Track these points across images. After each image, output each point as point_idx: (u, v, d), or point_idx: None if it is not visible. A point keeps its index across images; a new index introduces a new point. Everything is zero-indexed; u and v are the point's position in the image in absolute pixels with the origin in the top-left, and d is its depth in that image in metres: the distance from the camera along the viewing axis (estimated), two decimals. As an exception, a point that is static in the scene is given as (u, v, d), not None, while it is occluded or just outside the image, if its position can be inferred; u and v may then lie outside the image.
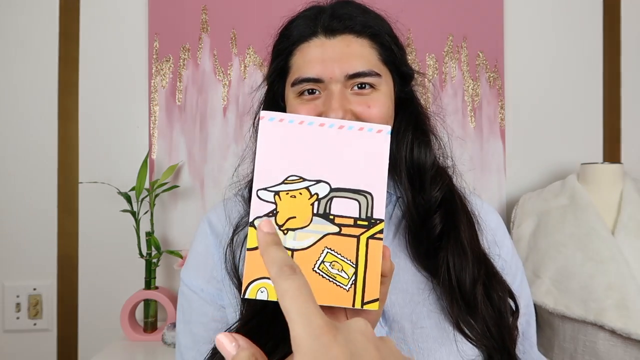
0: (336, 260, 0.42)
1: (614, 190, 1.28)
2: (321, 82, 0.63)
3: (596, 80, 1.57)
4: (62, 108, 1.41)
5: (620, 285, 1.10)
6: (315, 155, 0.44)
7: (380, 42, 0.65)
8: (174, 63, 1.42)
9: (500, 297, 0.65)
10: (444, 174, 0.70)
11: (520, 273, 0.75)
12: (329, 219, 0.43)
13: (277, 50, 0.69)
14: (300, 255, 0.42)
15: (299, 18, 0.68)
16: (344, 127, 0.44)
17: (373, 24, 0.66)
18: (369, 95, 0.64)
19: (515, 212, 1.40)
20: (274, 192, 0.43)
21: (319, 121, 0.44)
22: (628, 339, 1.08)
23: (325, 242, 0.42)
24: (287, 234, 0.42)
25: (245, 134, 0.74)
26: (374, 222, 0.43)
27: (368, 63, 0.63)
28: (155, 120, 1.42)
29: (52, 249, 1.40)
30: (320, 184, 0.43)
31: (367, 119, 0.62)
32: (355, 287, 0.42)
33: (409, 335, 0.62)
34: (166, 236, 1.41)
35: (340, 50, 0.63)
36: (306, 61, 0.64)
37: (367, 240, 0.43)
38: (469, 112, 1.50)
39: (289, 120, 0.44)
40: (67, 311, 1.39)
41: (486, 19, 1.51)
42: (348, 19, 0.64)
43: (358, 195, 0.44)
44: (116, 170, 1.41)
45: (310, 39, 0.65)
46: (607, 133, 1.57)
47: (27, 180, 1.40)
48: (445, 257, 0.64)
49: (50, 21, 1.41)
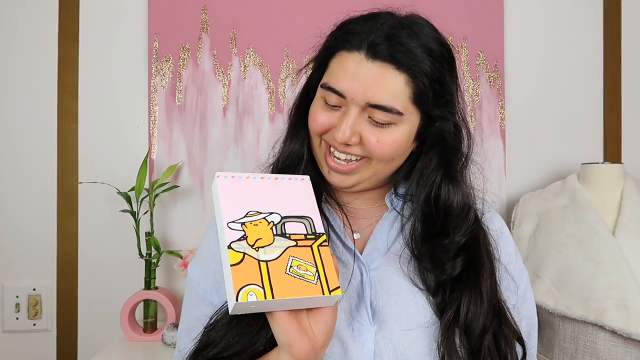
0: (301, 264, 0.54)
1: (615, 191, 1.27)
2: (344, 97, 0.63)
3: (596, 80, 1.57)
4: (62, 108, 1.41)
5: (621, 286, 1.10)
6: (264, 196, 0.59)
7: (418, 84, 0.62)
8: (173, 63, 1.42)
9: (507, 344, 0.64)
10: (471, 218, 0.68)
11: (524, 281, 0.74)
12: (286, 236, 0.56)
13: (327, 42, 0.68)
14: (273, 264, 0.53)
15: (362, 20, 0.65)
16: (278, 178, 0.61)
17: (420, 62, 0.61)
18: (383, 129, 0.63)
19: (515, 212, 1.40)
20: (240, 223, 0.55)
21: (260, 175, 0.61)
22: (628, 339, 1.08)
23: (289, 252, 0.55)
24: (259, 250, 0.54)
25: (284, 117, 0.77)
26: (319, 235, 0.57)
27: (394, 99, 0.61)
28: (155, 120, 1.42)
29: (51, 249, 1.39)
30: (273, 215, 0.57)
31: (371, 151, 0.64)
32: (320, 281, 0.54)
33: (396, 337, 0.63)
34: (166, 236, 1.41)
35: (373, 76, 0.61)
36: (339, 71, 0.63)
37: (318, 248, 0.56)
38: (469, 112, 1.50)
39: (239, 177, 0.59)
40: (66, 311, 1.39)
41: (486, 19, 1.51)
42: (396, 49, 0.61)
43: (302, 219, 0.58)
44: (116, 170, 1.41)
45: (352, 51, 0.63)
46: (607, 133, 1.57)
47: (26, 180, 1.40)
48: (459, 300, 0.63)
49: (49, 21, 1.41)
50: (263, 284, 0.51)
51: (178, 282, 1.42)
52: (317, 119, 0.66)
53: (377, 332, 0.63)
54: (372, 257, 0.68)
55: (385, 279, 0.66)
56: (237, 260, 0.52)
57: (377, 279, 0.66)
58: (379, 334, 0.63)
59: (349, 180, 0.68)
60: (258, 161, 0.89)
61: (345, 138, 0.62)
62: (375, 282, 0.66)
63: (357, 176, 0.67)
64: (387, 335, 0.63)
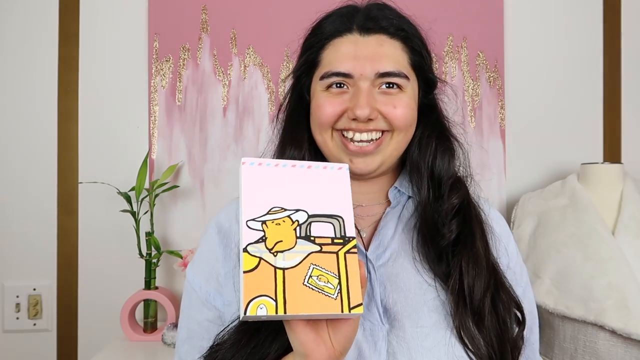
0: (322, 274, 0.49)
1: (614, 190, 1.27)
2: (350, 77, 0.65)
3: (596, 80, 1.57)
4: (62, 108, 1.41)
5: (621, 286, 1.10)
6: (291, 189, 0.52)
7: (412, 46, 0.67)
8: (173, 63, 1.42)
9: (506, 308, 0.65)
10: (462, 183, 0.71)
11: (524, 279, 0.75)
12: (311, 240, 0.50)
13: (308, 43, 0.70)
14: (290, 273, 0.48)
15: (333, 15, 0.69)
16: (311, 167, 0.54)
17: (406, 27, 0.67)
18: (395, 96, 0.65)
19: (515, 212, 1.40)
20: (261, 222, 0.50)
21: (291, 163, 0.54)
22: (628, 339, 1.08)
23: (310, 259, 0.49)
24: (277, 255, 0.49)
25: (273, 122, 0.77)
26: (348, 240, 0.51)
27: (398, 64, 0.65)
28: (155, 120, 1.42)
29: (52, 249, 1.39)
30: (299, 212, 0.51)
31: (392, 119, 0.65)
32: (341, 295, 0.48)
33: (409, 334, 0.62)
34: (166, 236, 1.41)
35: (373, 48, 0.64)
36: (338, 56, 0.65)
37: (345, 255, 0.50)
38: (469, 112, 1.50)
39: (267, 164, 0.53)
40: (66, 311, 1.39)
41: (486, 19, 1.51)
42: (383, 20, 0.66)
43: (332, 219, 0.52)
44: (116, 170, 1.41)
45: (344, 35, 0.66)
46: (607, 133, 1.57)
47: (27, 180, 1.40)
48: (459, 263, 0.64)
49: (50, 21, 1.41)
50: (276, 296, 0.47)
51: (178, 282, 1.42)
52: (326, 109, 0.66)
53: (389, 331, 0.63)
54: (378, 253, 0.68)
55: (394, 275, 0.66)
56: (251, 266, 0.47)
57: (386, 276, 0.66)
58: (391, 332, 0.63)
59: (375, 162, 0.68)
60: None
61: (367, 112, 0.63)
62: (384, 280, 0.66)
63: (380, 155, 0.68)
64: (399, 333, 0.62)
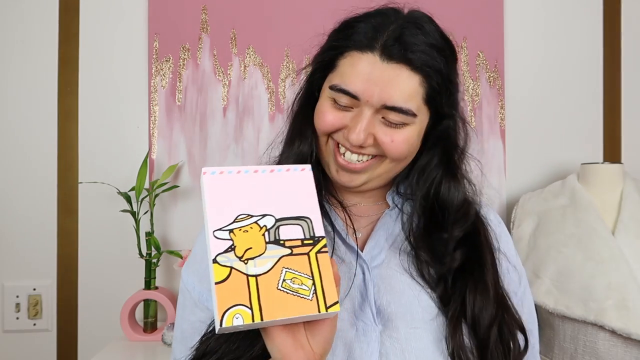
0: (295, 277, 0.49)
1: (614, 190, 1.28)
2: (357, 99, 0.62)
3: (596, 80, 1.57)
4: (62, 108, 1.41)
5: (621, 286, 1.10)
6: (256, 195, 0.52)
7: (431, 84, 0.62)
8: (173, 63, 1.42)
9: (510, 333, 0.64)
10: (470, 210, 0.69)
11: (523, 282, 0.75)
12: (280, 243, 0.50)
13: (333, 41, 0.66)
14: (263, 279, 0.48)
15: (368, 18, 0.64)
16: (274, 170, 0.54)
17: (433, 63, 0.62)
18: (397, 129, 0.63)
19: (515, 212, 1.40)
20: (228, 230, 0.49)
21: (253, 168, 0.53)
22: (628, 339, 1.08)
23: (282, 263, 0.49)
24: (248, 262, 0.48)
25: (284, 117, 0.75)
26: (318, 239, 0.51)
27: (410, 100, 0.61)
28: (155, 120, 1.42)
29: (52, 249, 1.39)
30: (266, 217, 0.51)
31: (386, 150, 0.64)
32: (316, 296, 0.48)
33: (402, 335, 0.62)
34: (166, 236, 1.41)
35: (388, 77, 0.60)
36: (352, 72, 0.62)
37: (316, 255, 0.50)
38: (469, 112, 1.50)
39: (228, 172, 0.52)
40: (66, 311, 1.39)
41: (486, 19, 1.51)
42: (411, 50, 0.60)
43: (299, 220, 0.52)
44: (116, 170, 1.41)
45: (364, 51, 0.61)
46: (607, 133, 1.57)
47: (27, 180, 1.40)
48: (463, 293, 0.63)
49: (50, 21, 1.41)
50: (251, 303, 0.46)
51: (178, 282, 1.42)
52: (326, 118, 0.65)
53: (382, 331, 0.63)
54: (374, 254, 0.68)
55: (388, 276, 0.66)
56: (222, 277, 0.47)
57: (380, 277, 0.66)
58: (384, 333, 0.62)
59: (359, 179, 0.67)
60: (258, 161, 0.85)
61: (360, 141, 0.62)
62: (378, 281, 0.66)
63: (366, 175, 0.67)
64: (392, 334, 0.62)
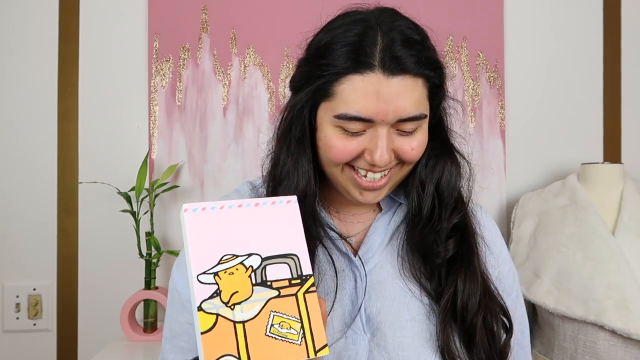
0: (283, 320, 0.47)
1: (614, 190, 1.28)
2: (371, 122, 0.59)
3: (596, 80, 1.57)
4: (62, 108, 1.41)
5: (621, 285, 1.10)
6: (241, 232, 0.49)
7: (431, 79, 0.62)
8: (173, 63, 1.42)
9: (494, 316, 0.65)
10: (463, 202, 0.70)
11: (516, 286, 0.76)
12: (267, 285, 0.48)
13: (316, 66, 0.61)
14: (251, 325, 0.46)
15: (348, 39, 0.60)
16: (259, 204, 0.51)
17: (425, 57, 0.61)
18: (413, 136, 0.62)
19: (515, 212, 1.40)
20: (213, 274, 0.47)
21: (237, 203, 0.50)
22: (628, 339, 1.08)
23: (270, 306, 0.47)
24: (235, 308, 0.46)
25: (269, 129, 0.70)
26: (305, 278, 0.50)
27: (419, 105, 0.61)
28: (155, 120, 1.42)
29: (52, 249, 1.39)
30: (252, 257, 0.49)
31: (408, 159, 0.63)
32: (305, 340, 0.47)
33: (390, 343, 0.62)
34: (166, 236, 1.41)
35: (397, 91, 0.58)
36: (358, 97, 0.58)
37: (304, 296, 0.49)
38: (469, 112, 1.50)
39: (211, 207, 0.49)
40: (67, 311, 1.39)
41: (486, 19, 1.51)
42: (407, 60, 0.59)
43: (286, 258, 0.50)
44: (116, 170, 1.41)
45: (364, 73, 0.58)
46: (607, 133, 1.56)
47: (27, 180, 1.40)
48: (455, 282, 0.64)
49: (50, 21, 1.41)
50: (239, 353, 0.45)
51: (178, 282, 1.42)
52: (339, 151, 0.61)
53: (370, 340, 0.63)
54: (366, 258, 0.68)
55: (379, 283, 0.66)
56: (208, 325, 0.45)
57: (371, 284, 0.66)
58: (372, 341, 0.63)
59: (384, 192, 0.66)
60: (258, 161, 0.82)
61: (386, 161, 0.60)
62: (370, 288, 0.66)
63: (389, 185, 0.66)
64: (380, 342, 0.63)
